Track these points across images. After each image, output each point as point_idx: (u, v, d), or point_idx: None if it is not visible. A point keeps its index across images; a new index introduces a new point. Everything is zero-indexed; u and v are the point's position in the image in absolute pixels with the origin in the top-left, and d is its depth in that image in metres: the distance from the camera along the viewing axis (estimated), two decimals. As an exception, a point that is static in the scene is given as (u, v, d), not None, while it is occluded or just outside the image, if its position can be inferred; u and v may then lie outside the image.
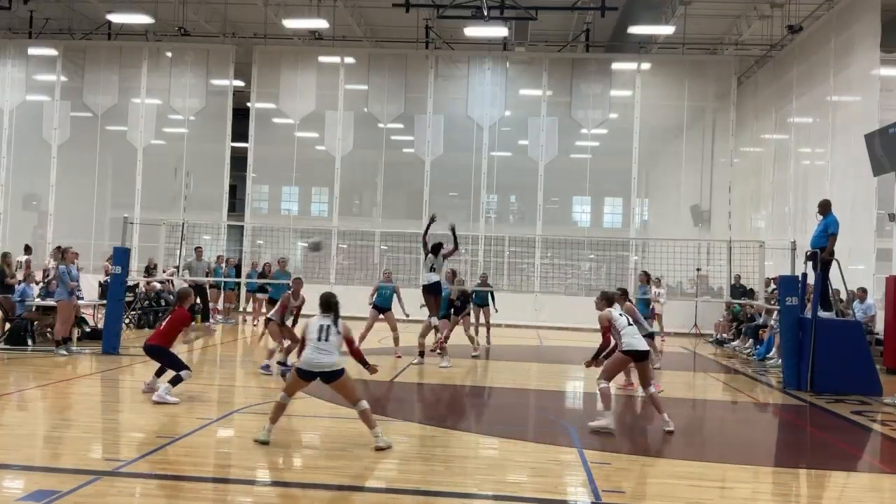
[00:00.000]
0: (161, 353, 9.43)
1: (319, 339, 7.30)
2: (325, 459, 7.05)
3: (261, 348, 14.69)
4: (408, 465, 6.92)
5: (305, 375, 7.34)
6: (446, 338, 13.67)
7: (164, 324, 9.77)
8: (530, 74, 25.14)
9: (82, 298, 15.43)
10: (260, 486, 6.27)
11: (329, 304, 7.53)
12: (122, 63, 25.17)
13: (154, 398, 9.04)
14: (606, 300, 8.91)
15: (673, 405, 10.65)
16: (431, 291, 13.02)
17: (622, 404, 11.14)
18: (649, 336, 11.12)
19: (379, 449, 7.12)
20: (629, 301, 11.36)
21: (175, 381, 9.17)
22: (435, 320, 13.26)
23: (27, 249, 18.60)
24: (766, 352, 16.09)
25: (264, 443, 7.19)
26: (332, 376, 7.27)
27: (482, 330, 16.48)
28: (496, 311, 16.54)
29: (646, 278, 16.32)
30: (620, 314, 8.74)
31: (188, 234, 17.01)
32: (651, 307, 20.07)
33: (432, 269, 13.00)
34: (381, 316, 14.29)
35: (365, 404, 7.31)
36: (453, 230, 13.33)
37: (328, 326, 7.37)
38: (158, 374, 9.58)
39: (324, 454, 7.29)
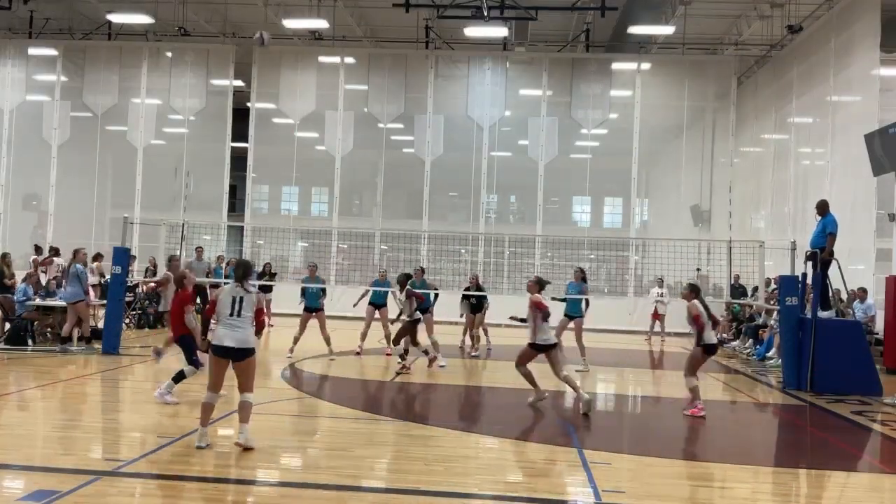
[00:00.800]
0: (182, 342, 9.36)
1: (231, 314, 7.01)
2: (325, 459, 7.05)
3: (259, 348, 14.70)
4: (408, 465, 6.92)
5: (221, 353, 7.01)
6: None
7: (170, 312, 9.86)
8: (530, 74, 25.14)
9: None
10: (260, 486, 6.27)
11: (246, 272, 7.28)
12: (122, 63, 25.17)
13: (155, 395, 9.04)
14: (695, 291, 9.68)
15: (673, 405, 10.66)
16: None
17: (621, 403, 11.16)
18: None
19: (238, 445, 6.94)
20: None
21: (178, 378, 9.09)
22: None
23: (38, 250, 18.67)
24: (765, 351, 16.10)
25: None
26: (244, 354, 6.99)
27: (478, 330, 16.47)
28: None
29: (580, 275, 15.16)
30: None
31: (188, 234, 17.00)
32: (654, 307, 20.14)
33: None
34: (377, 313, 14.34)
35: (251, 397, 7.13)
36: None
37: (240, 298, 7.04)
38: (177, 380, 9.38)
39: (324, 454, 7.29)
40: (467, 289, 15.65)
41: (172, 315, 9.56)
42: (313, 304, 13.84)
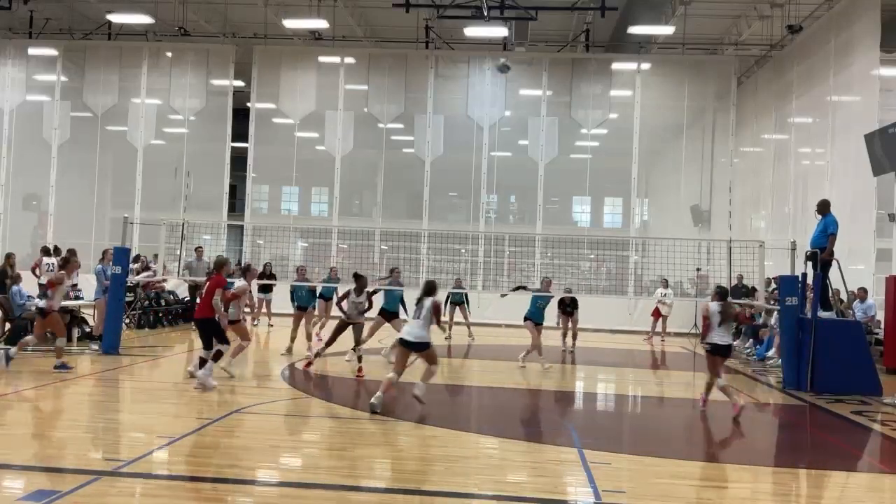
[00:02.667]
0: (207, 324, 10.08)
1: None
2: (325, 459, 7.05)
3: (259, 348, 14.71)
4: (408, 465, 6.92)
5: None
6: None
7: (203, 293, 10.25)
8: (530, 74, 25.12)
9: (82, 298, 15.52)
10: (260, 486, 6.27)
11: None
12: (122, 63, 25.15)
13: (197, 383, 9.68)
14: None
15: (673, 405, 10.67)
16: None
17: (621, 403, 11.16)
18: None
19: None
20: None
21: (217, 357, 9.89)
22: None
23: (46, 252, 18.60)
24: (765, 351, 16.10)
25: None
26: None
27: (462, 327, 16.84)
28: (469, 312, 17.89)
29: (547, 284, 15.02)
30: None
31: (188, 234, 16.99)
32: (655, 307, 20.16)
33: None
34: (388, 323, 13.60)
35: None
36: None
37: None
38: (201, 364, 10.06)
39: (324, 454, 7.29)
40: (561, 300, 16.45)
41: (206, 297, 10.24)
42: (304, 304, 14.56)
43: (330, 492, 6.01)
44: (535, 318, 13.90)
